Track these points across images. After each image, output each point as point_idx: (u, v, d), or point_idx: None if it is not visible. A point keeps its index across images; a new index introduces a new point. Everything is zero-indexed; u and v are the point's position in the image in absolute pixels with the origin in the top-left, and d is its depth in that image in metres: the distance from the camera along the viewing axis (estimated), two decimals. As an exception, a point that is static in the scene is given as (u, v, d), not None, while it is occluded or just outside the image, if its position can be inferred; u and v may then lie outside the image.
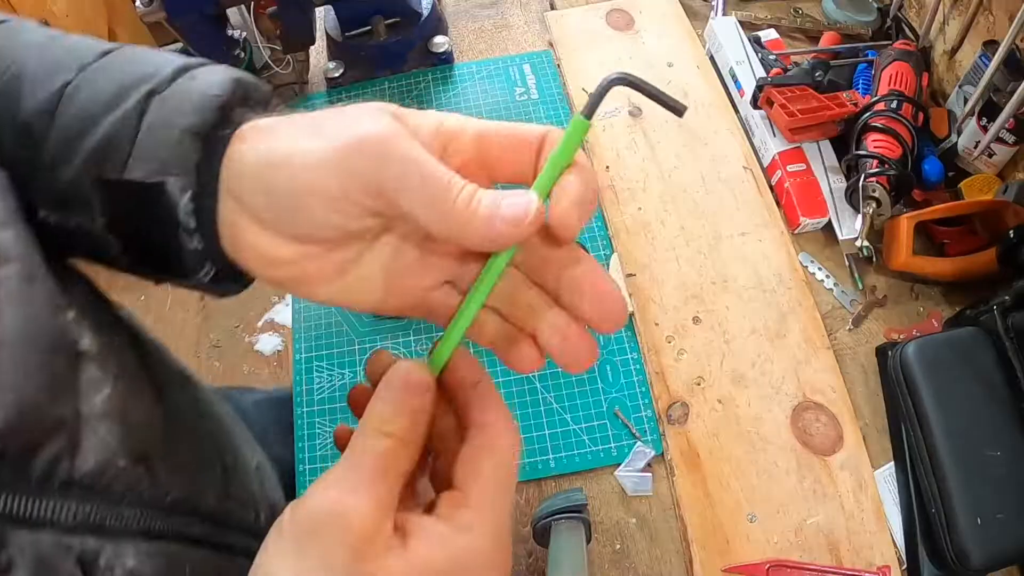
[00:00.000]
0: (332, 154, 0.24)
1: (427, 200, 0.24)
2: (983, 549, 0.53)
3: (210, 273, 0.28)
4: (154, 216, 0.27)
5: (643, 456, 0.63)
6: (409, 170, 0.24)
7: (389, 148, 0.24)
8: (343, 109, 0.26)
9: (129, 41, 1.22)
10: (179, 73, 0.28)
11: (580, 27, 0.93)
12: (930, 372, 0.60)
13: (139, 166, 0.26)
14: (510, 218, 0.24)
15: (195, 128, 0.26)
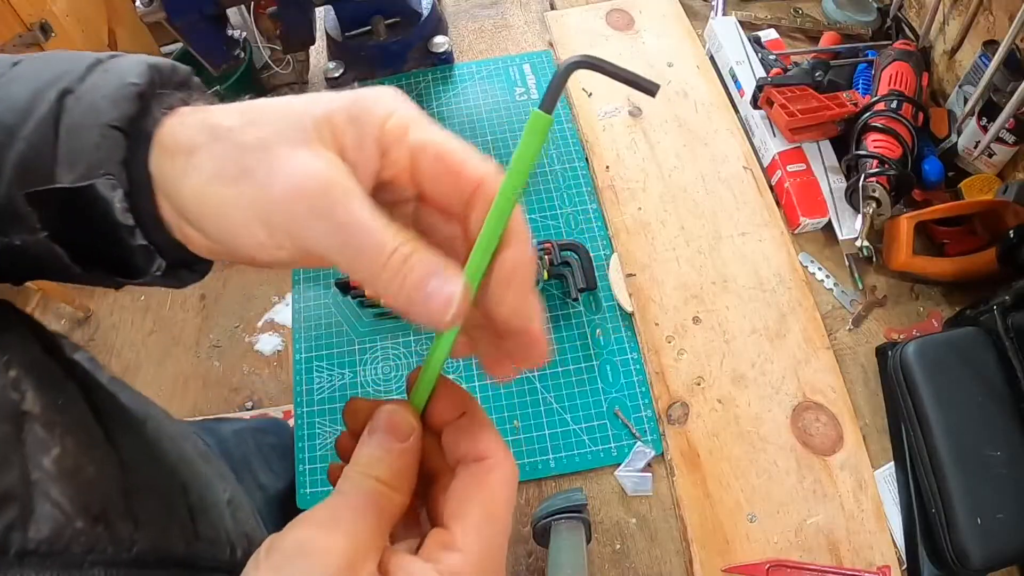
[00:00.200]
0: (262, 204, 0.23)
1: (356, 263, 0.23)
2: (983, 549, 0.53)
3: (161, 268, 0.27)
4: (92, 220, 0.25)
5: (643, 456, 0.63)
6: (340, 231, 0.23)
7: (320, 206, 0.22)
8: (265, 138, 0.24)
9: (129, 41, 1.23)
10: (91, 68, 0.27)
11: (580, 27, 0.93)
12: (930, 372, 0.60)
13: (66, 172, 0.25)
14: (433, 310, 0.23)
15: (115, 122, 0.25)
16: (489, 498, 0.25)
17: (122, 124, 0.25)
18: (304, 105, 0.25)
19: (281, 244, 0.24)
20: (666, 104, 0.84)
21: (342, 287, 0.73)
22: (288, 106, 0.25)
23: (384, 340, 0.71)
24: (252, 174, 0.23)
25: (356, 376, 0.70)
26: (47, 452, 0.26)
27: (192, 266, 0.30)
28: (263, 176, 0.23)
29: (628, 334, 0.70)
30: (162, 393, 0.76)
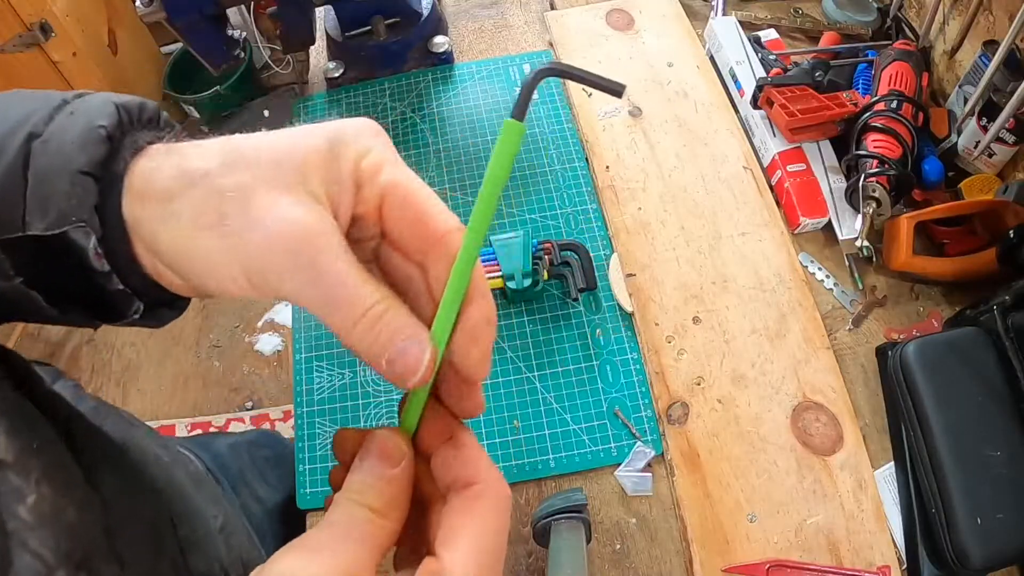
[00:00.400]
0: (242, 257, 0.23)
1: (333, 316, 0.24)
2: (983, 549, 0.53)
3: (139, 311, 0.27)
4: (67, 266, 0.25)
5: (643, 456, 0.63)
6: (318, 284, 0.23)
7: (300, 259, 0.23)
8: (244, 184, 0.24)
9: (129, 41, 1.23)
10: (57, 109, 0.26)
11: (580, 27, 0.93)
12: (930, 372, 0.60)
13: (37, 219, 0.24)
14: (400, 372, 0.24)
15: (85, 167, 0.25)
16: (480, 526, 0.25)
17: (92, 169, 0.25)
18: (284, 145, 0.25)
19: (261, 291, 0.24)
20: (666, 104, 0.84)
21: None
22: (268, 146, 0.25)
23: (384, 340, 0.71)
24: (232, 222, 0.23)
25: (356, 376, 0.70)
26: (22, 500, 0.25)
27: (171, 304, 0.29)
28: (243, 225, 0.23)
29: (628, 334, 0.70)
30: (162, 393, 0.76)
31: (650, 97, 0.85)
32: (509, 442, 0.65)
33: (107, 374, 0.82)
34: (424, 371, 0.24)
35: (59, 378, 0.41)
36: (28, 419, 0.29)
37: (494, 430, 0.65)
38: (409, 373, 0.24)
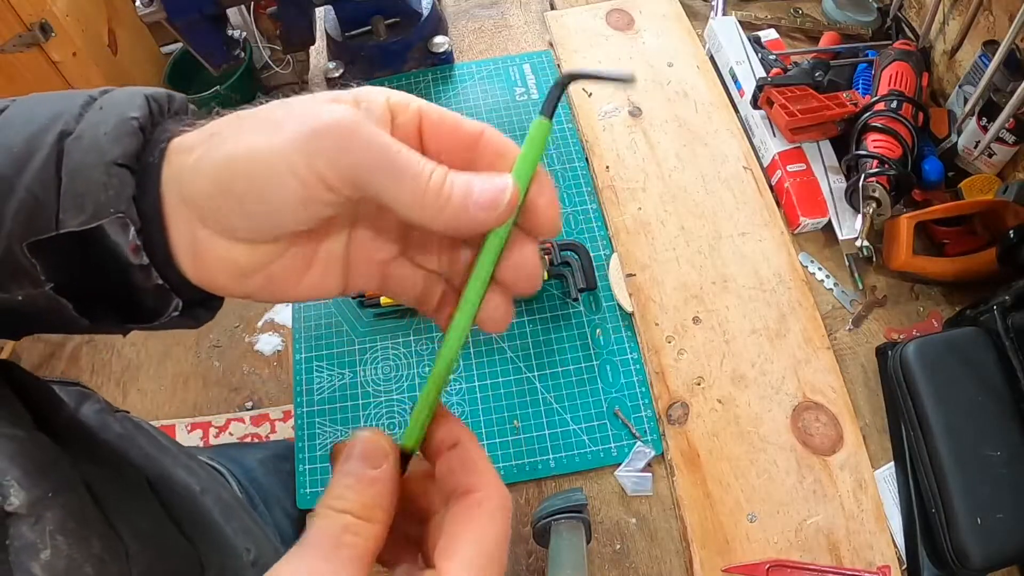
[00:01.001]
0: (298, 144, 0.23)
1: (399, 186, 0.23)
2: (983, 549, 0.53)
3: (179, 307, 0.27)
4: (101, 264, 0.24)
5: (643, 456, 0.63)
6: (378, 155, 0.23)
7: (356, 133, 0.23)
8: (289, 103, 0.25)
9: (129, 41, 1.22)
10: (86, 107, 0.26)
11: (580, 27, 0.93)
12: (930, 372, 0.60)
13: (72, 216, 0.24)
14: (485, 203, 0.24)
15: (120, 159, 0.24)
16: (479, 533, 0.24)
17: (127, 161, 0.24)
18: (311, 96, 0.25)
19: (320, 179, 0.23)
20: (666, 104, 0.84)
21: (342, 287, 0.72)
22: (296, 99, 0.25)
23: (384, 340, 0.71)
24: (282, 126, 0.23)
25: (356, 376, 0.70)
26: (35, 556, 0.24)
27: (206, 304, 0.29)
28: (296, 122, 0.23)
29: (628, 334, 0.70)
30: (162, 393, 0.76)
31: (650, 97, 0.85)
32: (509, 442, 0.65)
33: (107, 374, 0.82)
34: (511, 194, 0.24)
35: (86, 400, 0.39)
36: (45, 462, 0.28)
37: (494, 430, 0.65)
38: (496, 200, 0.24)
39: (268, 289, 0.27)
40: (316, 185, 0.23)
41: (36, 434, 0.29)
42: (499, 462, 0.64)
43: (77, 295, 0.25)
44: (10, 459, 0.25)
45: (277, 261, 0.26)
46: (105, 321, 0.27)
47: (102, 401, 0.41)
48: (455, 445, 0.26)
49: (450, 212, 0.23)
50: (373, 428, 0.26)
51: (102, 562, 0.27)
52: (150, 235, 0.25)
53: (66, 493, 0.27)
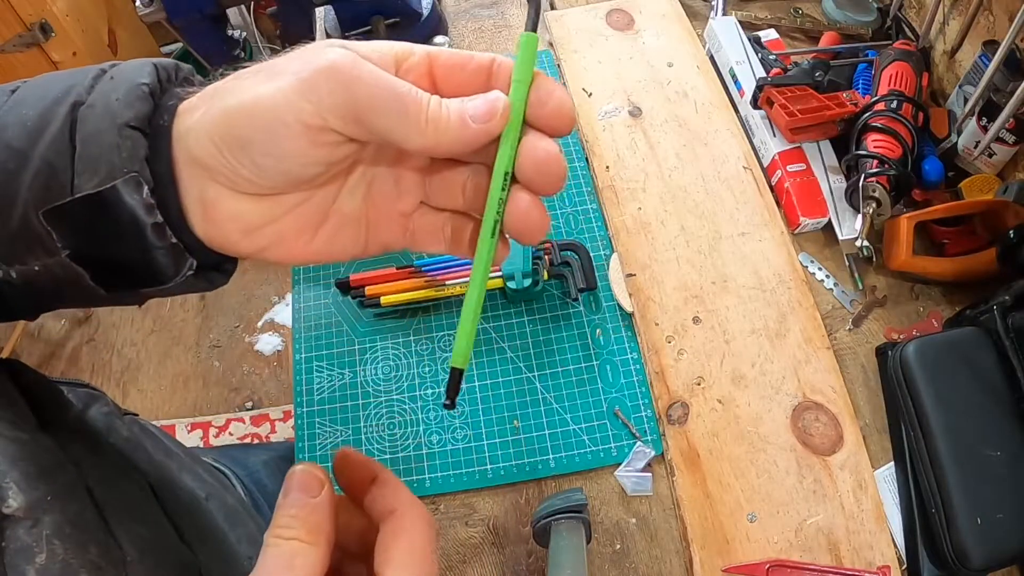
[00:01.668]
0: (301, 85, 0.24)
1: (400, 115, 0.24)
2: (983, 549, 0.53)
3: (192, 267, 0.27)
4: (117, 226, 0.25)
5: (643, 456, 0.63)
6: (379, 89, 0.24)
7: (356, 71, 0.24)
8: (288, 54, 0.26)
9: (129, 41, 1.23)
10: (97, 79, 0.27)
11: (580, 27, 0.93)
12: (930, 372, 0.60)
13: (86, 180, 0.25)
14: (481, 115, 0.25)
15: (132, 121, 0.25)
16: (407, 542, 0.26)
17: (139, 123, 0.25)
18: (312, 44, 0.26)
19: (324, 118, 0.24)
20: (666, 104, 0.84)
21: (342, 287, 0.73)
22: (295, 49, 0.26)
23: (384, 340, 0.71)
24: (284, 71, 0.24)
25: (356, 376, 0.70)
26: (31, 560, 0.24)
27: (218, 267, 0.29)
28: (296, 67, 0.24)
29: (628, 334, 0.70)
30: (162, 393, 0.76)
31: (650, 97, 0.85)
32: (509, 442, 0.65)
33: (107, 374, 0.82)
34: (503, 107, 0.25)
35: (95, 402, 0.39)
36: (47, 465, 0.28)
37: (494, 430, 0.65)
38: (493, 109, 0.25)
39: (281, 246, 0.27)
40: (319, 125, 0.24)
41: (40, 436, 0.29)
42: (499, 462, 0.64)
43: (93, 262, 0.26)
44: (11, 461, 0.25)
45: (288, 215, 0.27)
46: (121, 288, 0.27)
47: (111, 403, 0.41)
48: (374, 479, 0.29)
49: (453, 132, 0.25)
50: (306, 462, 0.28)
51: (98, 569, 0.26)
52: (163, 195, 0.25)
53: (65, 498, 0.27)
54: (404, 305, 0.70)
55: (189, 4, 0.74)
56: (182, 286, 0.28)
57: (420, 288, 0.70)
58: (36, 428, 0.29)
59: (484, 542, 0.60)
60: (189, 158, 0.25)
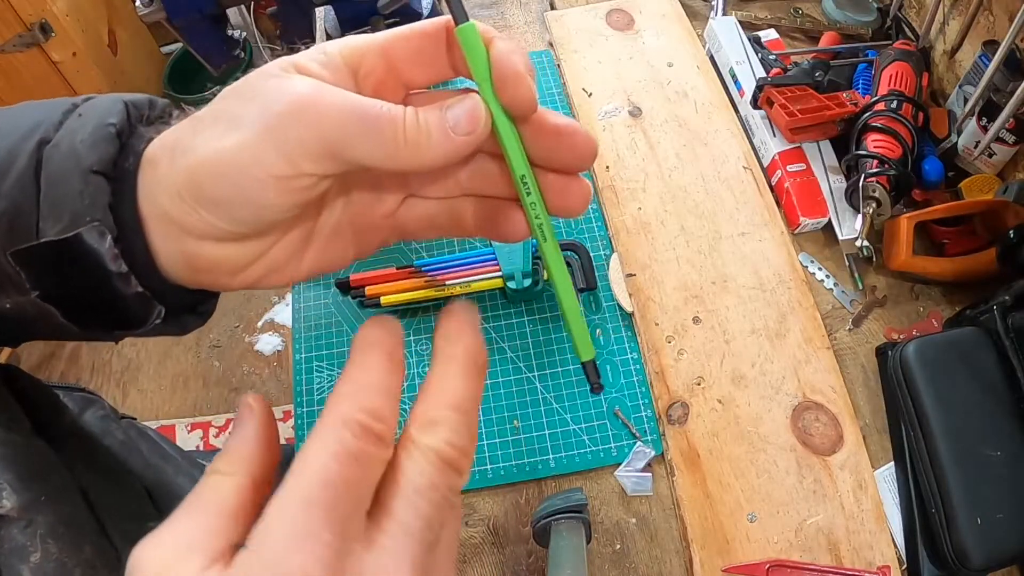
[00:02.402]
0: (266, 135, 0.22)
1: (376, 141, 0.22)
2: (983, 549, 0.53)
3: (161, 314, 0.26)
4: (83, 272, 0.24)
5: (643, 456, 0.63)
6: (347, 120, 0.22)
7: (320, 105, 0.22)
8: (238, 90, 0.24)
9: (129, 41, 1.23)
10: (67, 115, 0.26)
11: (580, 27, 0.93)
12: (930, 372, 0.60)
13: (51, 224, 0.24)
14: (464, 127, 0.23)
15: (96, 166, 0.24)
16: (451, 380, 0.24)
17: (103, 168, 0.24)
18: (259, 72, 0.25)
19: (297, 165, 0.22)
20: (666, 104, 0.84)
21: (342, 287, 0.73)
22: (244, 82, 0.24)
23: (384, 340, 0.71)
24: (243, 119, 0.23)
25: (356, 376, 0.69)
26: (25, 559, 0.24)
27: (193, 309, 0.29)
28: (254, 111, 0.23)
29: (628, 334, 0.70)
30: (162, 393, 0.76)
31: (650, 97, 0.85)
32: (509, 442, 0.65)
33: (107, 374, 0.82)
34: (485, 113, 0.24)
35: (90, 406, 0.39)
36: (40, 467, 0.28)
37: (494, 430, 0.65)
38: (475, 118, 0.23)
39: (272, 276, 0.27)
40: (292, 171, 0.22)
41: (34, 440, 0.28)
42: (499, 462, 0.64)
43: (64, 302, 0.25)
44: (5, 463, 0.25)
45: (273, 248, 0.26)
46: (94, 328, 0.26)
47: (107, 407, 0.41)
48: None
49: (436, 149, 0.23)
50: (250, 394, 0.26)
51: (93, 568, 0.26)
52: (129, 242, 0.24)
53: (59, 498, 0.27)
54: (404, 305, 0.70)
55: (189, 4, 0.74)
56: (153, 331, 0.27)
57: (420, 288, 0.70)
58: (31, 432, 0.29)
59: (484, 542, 0.60)
60: (161, 214, 0.24)
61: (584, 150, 0.25)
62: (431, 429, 0.21)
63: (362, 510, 0.20)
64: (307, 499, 0.19)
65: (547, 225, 0.26)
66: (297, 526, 0.18)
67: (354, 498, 0.19)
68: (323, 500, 0.19)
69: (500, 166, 0.27)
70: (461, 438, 0.21)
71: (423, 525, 0.20)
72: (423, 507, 0.20)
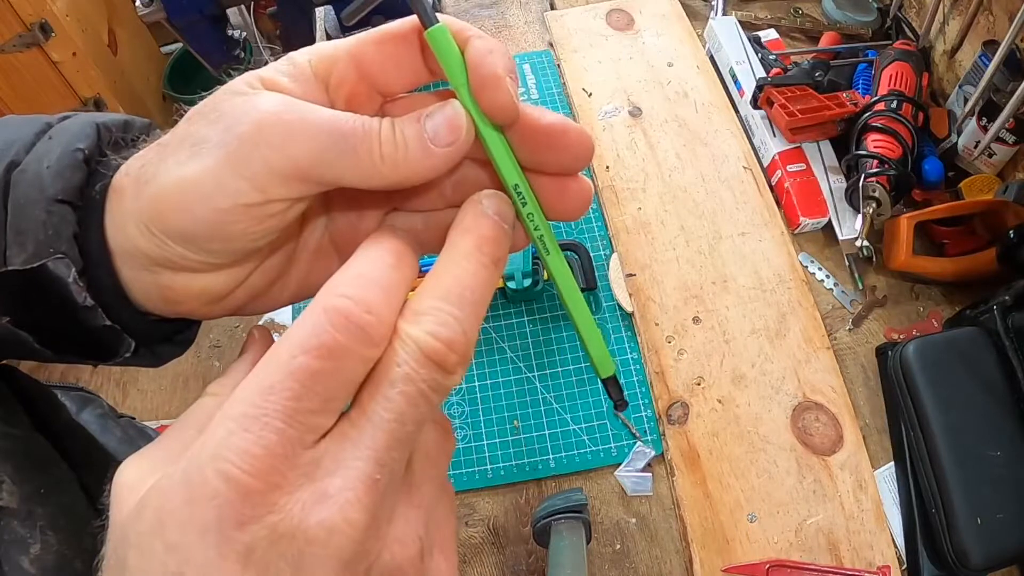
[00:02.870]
0: (229, 160, 0.20)
1: (351, 159, 0.21)
2: (983, 549, 0.53)
3: (130, 348, 0.25)
4: (49, 303, 0.23)
5: (643, 456, 0.63)
6: (318, 136, 0.20)
7: (286, 123, 0.20)
8: (202, 111, 0.22)
9: (129, 41, 1.23)
10: (39, 136, 0.25)
11: (580, 27, 0.93)
12: (930, 372, 0.60)
13: (16, 253, 0.23)
14: (445, 139, 0.21)
15: (60, 195, 0.23)
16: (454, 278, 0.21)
17: (68, 196, 0.23)
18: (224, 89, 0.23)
19: (266, 191, 0.21)
20: (666, 104, 0.84)
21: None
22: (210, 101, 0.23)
23: (384, 340, 0.71)
24: (206, 139, 0.21)
25: (356, 376, 0.69)
26: (26, 551, 0.24)
27: (171, 339, 0.28)
28: (218, 134, 0.21)
29: (628, 334, 0.70)
30: (162, 393, 0.76)
31: (650, 97, 0.85)
32: (509, 442, 0.65)
33: (107, 374, 0.82)
34: (466, 120, 0.22)
35: (88, 405, 0.39)
36: (40, 460, 0.27)
37: (494, 430, 0.65)
38: (456, 129, 0.21)
39: (255, 303, 0.26)
40: (260, 198, 0.21)
41: (32, 434, 0.28)
42: (499, 462, 0.64)
43: (36, 329, 0.24)
44: (4, 456, 0.25)
45: (253, 275, 0.25)
46: (68, 355, 0.26)
47: (105, 406, 0.41)
48: None
49: (415, 164, 0.21)
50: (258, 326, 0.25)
51: (93, 558, 0.27)
52: (96, 274, 0.23)
53: (58, 490, 0.27)
54: None
55: (189, 4, 0.74)
56: (127, 363, 0.26)
57: (420, 288, 0.70)
58: (30, 427, 0.29)
59: (484, 542, 0.60)
60: (131, 246, 0.23)
61: (578, 148, 0.23)
62: (415, 319, 0.19)
63: (332, 407, 0.18)
64: (267, 387, 0.17)
65: (548, 236, 0.24)
66: (248, 410, 0.17)
67: (322, 392, 0.18)
68: (284, 389, 0.17)
69: (488, 172, 0.25)
70: (449, 330, 0.19)
71: (393, 418, 0.18)
72: (395, 399, 0.18)
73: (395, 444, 0.18)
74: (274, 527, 0.16)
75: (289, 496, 0.17)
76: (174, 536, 0.16)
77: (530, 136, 0.23)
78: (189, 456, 0.17)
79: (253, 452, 0.16)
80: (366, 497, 0.17)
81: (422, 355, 0.19)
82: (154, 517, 0.17)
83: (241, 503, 0.16)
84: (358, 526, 0.17)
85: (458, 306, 0.20)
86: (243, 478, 0.16)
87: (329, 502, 0.17)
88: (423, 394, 0.19)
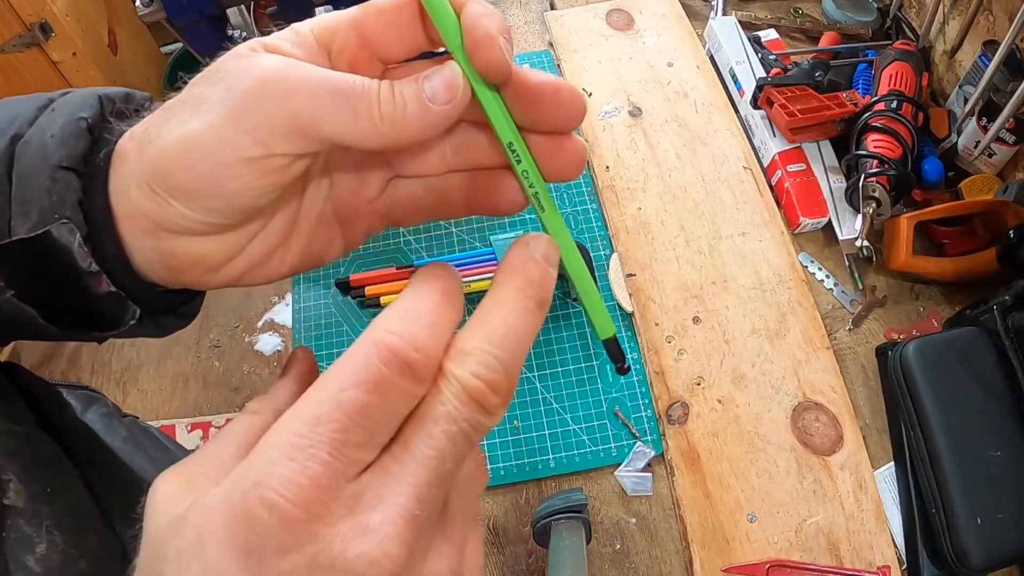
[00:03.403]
0: (232, 115, 0.21)
1: (350, 116, 0.21)
2: (983, 549, 0.53)
3: (135, 315, 0.25)
4: (56, 271, 0.23)
5: (643, 456, 0.63)
6: (319, 92, 0.21)
7: (288, 80, 0.21)
8: (206, 75, 0.22)
9: (129, 41, 1.22)
10: (41, 110, 0.25)
11: (580, 27, 0.93)
12: (930, 372, 0.60)
13: (21, 222, 0.23)
14: (443, 96, 0.22)
15: (64, 162, 0.23)
16: None
17: (72, 163, 0.23)
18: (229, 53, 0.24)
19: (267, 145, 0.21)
20: (666, 104, 0.84)
21: (342, 287, 0.73)
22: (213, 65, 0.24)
23: (384, 340, 0.71)
24: (209, 101, 0.22)
25: (356, 376, 0.69)
26: (31, 550, 0.24)
27: (174, 310, 0.28)
28: (220, 92, 0.21)
29: (628, 334, 0.70)
30: (162, 393, 0.76)
31: (650, 97, 0.85)
32: (509, 442, 0.65)
33: (107, 374, 0.82)
34: (462, 79, 0.22)
35: (93, 404, 0.39)
36: (45, 459, 0.27)
37: (494, 430, 0.65)
38: (452, 89, 0.22)
39: (256, 271, 0.26)
40: (262, 152, 0.21)
41: (38, 432, 0.28)
42: (499, 462, 0.64)
43: (41, 303, 0.24)
44: (10, 455, 0.25)
45: (254, 241, 0.25)
46: (72, 329, 0.26)
47: (110, 405, 0.40)
48: None
49: (414, 122, 0.22)
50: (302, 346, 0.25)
51: (98, 559, 0.26)
52: (100, 241, 0.24)
53: (65, 490, 0.27)
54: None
55: (189, 4, 0.74)
56: (131, 332, 0.26)
57: (420, 288, 0.70)
58: (35, 425, 0.29)
59: (484, 542, 0.60)
60: (134, 210, 0.23)
61: (571, 107, 0.23)
62: (460, 359, 0.20)
63: (376, 441, 0.18)
64: (314, 417, 0.18)
65: (543, 194, 0.25)
66: (295, 440, 0.17)
67: (368, 427, 0.18)
68: (331, 421, 0.18)
69: (486, 136, 0.26)
70: (492, 372, 0.20)
71: (434, 455, 0.19)
72: (438, 436, 0.19)
73: (435, 481, 0.19)
74: (314, 556, 0.17)
75: (330, 528, 0.17)
76: (213, 556, 0.17)
77: (524, 94, 0.23)
78: (233, 478, 0.18)
79: (298, 481, 0.17)
80: (405, 532, 0.18)
81: (465, 395, 0.19)
82: (194, 535, 0.17)
83: (283, 531, 0.17)
84: (397, 560, 0.17)
85: (501, 348, 0.20)
86: (287, 507, 0.17)
87: (369, 535, 0.17)
88: (464, 433, 0.19)
